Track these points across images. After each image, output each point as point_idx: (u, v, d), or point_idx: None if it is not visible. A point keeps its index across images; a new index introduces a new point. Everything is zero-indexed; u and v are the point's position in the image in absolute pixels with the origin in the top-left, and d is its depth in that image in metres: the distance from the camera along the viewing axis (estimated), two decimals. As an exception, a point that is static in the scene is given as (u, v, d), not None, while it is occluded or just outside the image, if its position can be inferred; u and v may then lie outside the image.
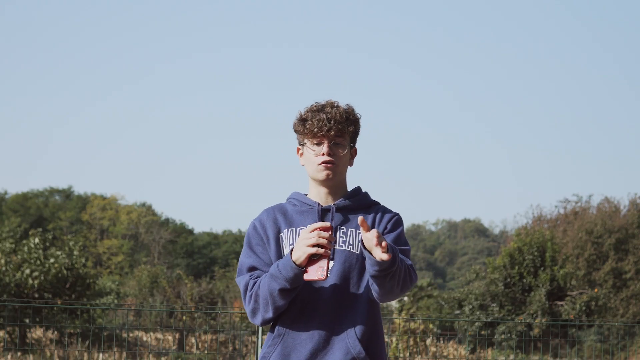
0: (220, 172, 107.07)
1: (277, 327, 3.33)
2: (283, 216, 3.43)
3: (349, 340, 3.26)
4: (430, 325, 21.04)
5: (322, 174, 3.39)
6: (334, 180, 3.42)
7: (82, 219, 62.04)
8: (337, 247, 3.35)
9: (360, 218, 3.12)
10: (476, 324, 22.41)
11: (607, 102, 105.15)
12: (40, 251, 20.82)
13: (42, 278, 20.06)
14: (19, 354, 17.50)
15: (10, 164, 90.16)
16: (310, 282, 3.24)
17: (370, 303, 3.32)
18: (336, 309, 3.28)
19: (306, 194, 3.49)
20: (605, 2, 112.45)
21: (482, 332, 21.77)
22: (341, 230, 3.37)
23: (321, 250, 3.14)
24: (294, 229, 3.38)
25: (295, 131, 3.47)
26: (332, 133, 3.37)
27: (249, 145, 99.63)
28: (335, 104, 3.42)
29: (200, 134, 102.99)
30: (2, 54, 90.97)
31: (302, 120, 3.41)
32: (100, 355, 17.20)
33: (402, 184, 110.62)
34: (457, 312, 25.54)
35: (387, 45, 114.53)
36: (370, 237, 3.09)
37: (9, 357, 16.97)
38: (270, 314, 3.28)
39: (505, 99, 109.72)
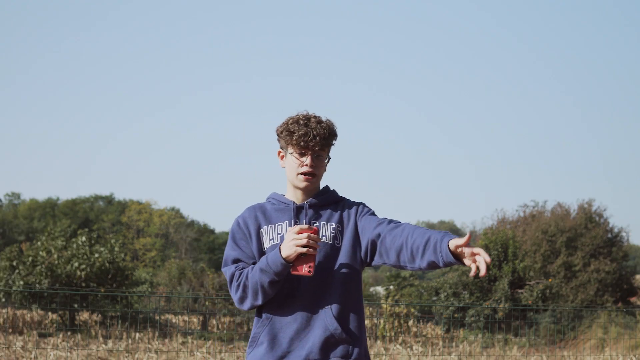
0: (239, 181, 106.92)
1: (263, 313, 3.22)
2: (263, 214, 3.31)
3: (326, 319, 3.15)
4: (412, 310, 21.08)
5: (303, 184, 3.26)
6: (312, 187, 3.30)
7: (122, 221, 62.04)
8: None
9: (468, 236, 2.84)
10: (450, 308, 22.48)
11: (558, 121, 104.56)
12: (87, 247, 20.80)
13: (88, 270, 20.05)
14: (69, 333, 17.61)
15: (61, 173, 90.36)
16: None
17: (344, 285, 3.20)
18: (315, 293, 3.17)
19: (284, 194, 3.36)
20: (571, 4, 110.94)
21: (455, 315, 21.81)
22: (314, 224, 3.25)
23: (311, 250, 3.08)
24: (272, 225, 3.28)
25: (279, 137, 3.29)
26: (317, 148, 3.23)
27: (259, 157, 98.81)
28: (319, 119, 3.24)
29: (222, 151, 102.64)
30: (61, 74, 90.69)
31: (290, 131, 3.22)
32: (137, 334, 17.29)
33: (393, 190, 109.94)
34: (434, 298, 25.55)
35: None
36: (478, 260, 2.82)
37: (61, 336, 17.07)
38: (259, 302, 3.18)
39: (474, 119, 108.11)
